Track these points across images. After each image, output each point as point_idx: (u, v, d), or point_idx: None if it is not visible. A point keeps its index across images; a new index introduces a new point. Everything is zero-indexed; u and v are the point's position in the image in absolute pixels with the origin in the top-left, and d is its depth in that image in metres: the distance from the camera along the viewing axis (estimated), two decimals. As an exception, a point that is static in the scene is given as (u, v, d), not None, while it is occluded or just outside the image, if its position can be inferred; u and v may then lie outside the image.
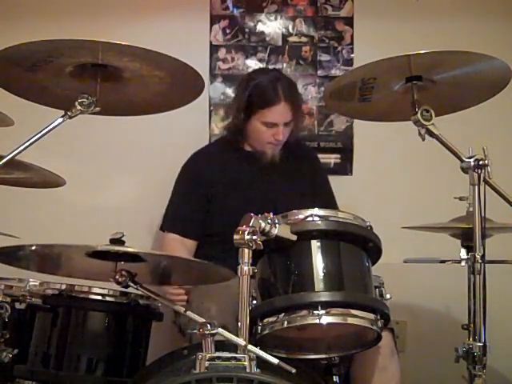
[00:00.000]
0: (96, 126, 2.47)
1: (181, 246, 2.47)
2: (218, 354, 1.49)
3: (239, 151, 2.59)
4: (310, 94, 3.01)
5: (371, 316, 1.69)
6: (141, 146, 2.96)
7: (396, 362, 2.06)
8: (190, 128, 2.94)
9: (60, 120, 1.67)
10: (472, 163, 1.69)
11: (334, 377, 1.82)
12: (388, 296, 1.79)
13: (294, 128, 2.55)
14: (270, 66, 2.95)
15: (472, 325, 1.69)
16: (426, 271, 2.76)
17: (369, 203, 2.83)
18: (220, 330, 1.52)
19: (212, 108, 2.97)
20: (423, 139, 1.75)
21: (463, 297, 1.83)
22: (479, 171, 1.69)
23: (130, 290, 1.71)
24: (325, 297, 1.67)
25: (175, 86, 1.78)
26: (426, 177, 2.95)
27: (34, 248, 1.64)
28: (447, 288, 2.62)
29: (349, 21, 3.02)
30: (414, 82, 1.78)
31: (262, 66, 2.97)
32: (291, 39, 3.02)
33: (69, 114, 1.67)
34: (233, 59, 2.99)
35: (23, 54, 1.62)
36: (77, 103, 1.66)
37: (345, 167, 3.00)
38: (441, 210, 2.26)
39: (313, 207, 1.75)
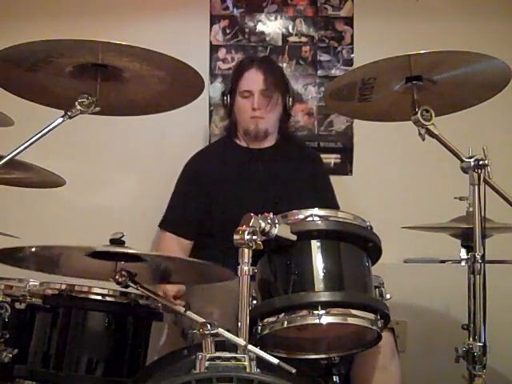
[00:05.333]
0: (96, 126, 2.47)
1: (176, 245, 2.48)
2: (217, 354, 1.48)
3: (239, 150, 2.60)
4: (310, 93, 3.01)
5: (371, 316, 1.69)
6: (141, 145, 2.96)
7: (396, 362, 2.06)
8: (190, 128, 2.95)
9: (60, 120, 1.67)
10: (472, 163, 1.70)
11: (334, 377, 1.82)
12: (388, 296, 1.79)
13: (283, 109, 2.57)
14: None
15: (472, 325, 1.69)
16: (426, 271, 2.76)
17: (369, 203, 2.83)
18: (220, 330, 1.52)
19: (212, 108, 2.97)
20: (423, 139, 1.75)
21: (463, 297, 1.82)
22: (479, 171, 1.69)
23: (130, 290, 1.71)
24: (325, 297, 1.67)
25: (175, 85, 1.78)
26: (426, 177, 2.95)
27: (33, 249, 1.64)
28: (447, 288, 2.62)
29: (349, 21, 3.02)
30: (414, 81, 1.78)
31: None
32: (291, 39, 3.02)
33: (69, 113, 1.67)
34: (233, 59, 2.99)
35: (23, 54, 1.62)
36: (77, 103, 1.66)
37: (345, 167, 3.00)
38: (441, 210, 2.26)
39: (313, 207, 1.76)
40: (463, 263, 1.79)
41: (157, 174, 2.93)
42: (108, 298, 1.90)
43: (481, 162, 1.69)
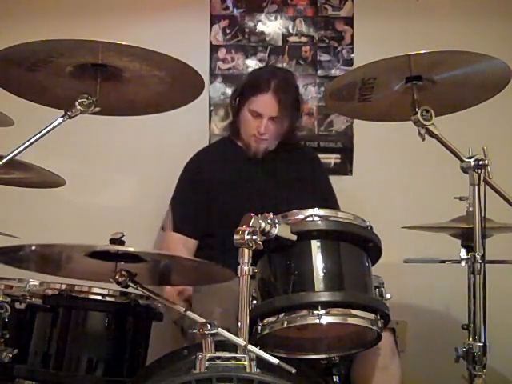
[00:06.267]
0: (96, 126, 2.47)
1: (182, 246, 2.48)
2: (217, 354, 1.48)
3: (239, 151, 2.60)
4: (310, 94, 3.01)
5: (371, 316, 1.69)
6: (141, 145, 2.96)
7: (397, 362, 2.06)
8: (190, 128, 2.95)
9: (60, 120, 1.67)
10: (472, 163, 1.69)
11: (334, 377, 1.82)
12: (388, 296, 1.79)
13: (289, 128, 2.56)
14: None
15: (472, 325, 1.69)
16: (426, 271, 2.76)
17: (369, 203, 2.84)
18: (220, 330, 1.52)
19: (212, 108, 2.97)
20: (423, 139, 1.75)
21: (463, 297, 1.83)
22: (479, 171, 1.69)
23: (130, 290, 1.71)
24: (325, 297, 1.66)
25: (175, 85, 1.78)
26: (426, 177, 2.95)
27: (34, 248, 1.64)
28: (447, 288, 2.62)
29: (349, 21, 3.02)
30: (414, 81, 1.78)
31: (262, 66, 2.97)
32: (291, 39, 3.02)
33: (69, 113, 1.67)
34: (233, 59, 2.99)
35: (23, 54, 1.62)
36: (77, 103, 1.66)
37: (345, 167, 3.00)
38: (441, 210, 2.26)
39: (313, 207, 1.75)
40: (463, 263, 1.79)
41: (157, 174, 2.93)
42: (108, 298, 1.90)
43: (481, 162, 1.69)
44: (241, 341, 1.50)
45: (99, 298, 1.90)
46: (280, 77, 2.53)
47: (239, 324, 1.52)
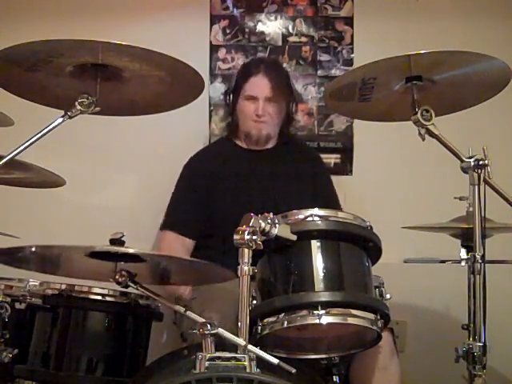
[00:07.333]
0: (96, 126, 2.47)
1: (179, 246, 2.48)
2: (217, 354, 1.48)
3: (238, 150, 2.60)
4: (310, 93, 3.01)
5: (371, 316, 1.69)
6: (141, 145, 2.96)
7: (396, 362, 2.06)
8: (190, 128, 2.95)
9: (60, 120, 1.67)
10: (472, 163, 1.70)
11: (334, 377, 1.82)
12: (388, 296, 1.79)
13: (286, 115, 2.57)
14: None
15: (472, 325, 1.69)
16: (426, 271, 2.76)
17: (369, 203, 2.83)
18: (220, 330, 1.52)
19: (212, 108, 2.97)
20: (423, 139, 1.75)
21: (463, 297, 1.83)
22: (479, 171, 1.69)
23: (130, 290, 1.71)
24: (325, 297, 1.67)
25: (175, 85, 1.78)
26: (426, 177, 2.95)
27: (33, 249, 1.64)
28: (447, 288, 2.62)
29: (349, 21, 3.02)
30: (414, 81, 1.78)
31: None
32: (291, 39, 3.02)
33: (69, 113, 1.67)
34: (233, 59, 2.99)
35: (23, 54, 1.62)
36: (77, 103, 1.66)
37: (345, 167, 3.00)
38: (441, 210, 2.26)
39: (313, 207, 1.75)
40: (463, 263, 1.79)
41: (157, 174, 2.93)
42: (108, 298, 1.90)
43: (481, 162, 1.69)
44: (241, 341, 1.50)
45: (99, 297, 1.90)
46: (268, 60, 2.75)
47: (239, 324, 1.52)
